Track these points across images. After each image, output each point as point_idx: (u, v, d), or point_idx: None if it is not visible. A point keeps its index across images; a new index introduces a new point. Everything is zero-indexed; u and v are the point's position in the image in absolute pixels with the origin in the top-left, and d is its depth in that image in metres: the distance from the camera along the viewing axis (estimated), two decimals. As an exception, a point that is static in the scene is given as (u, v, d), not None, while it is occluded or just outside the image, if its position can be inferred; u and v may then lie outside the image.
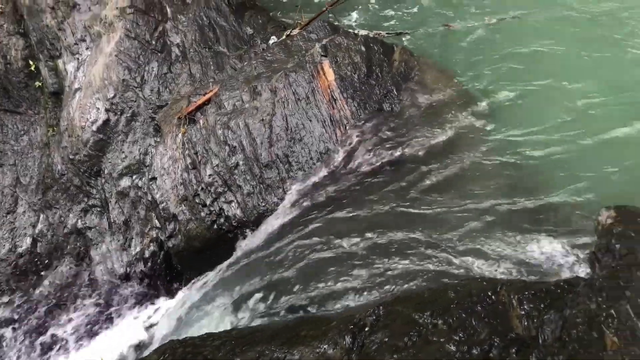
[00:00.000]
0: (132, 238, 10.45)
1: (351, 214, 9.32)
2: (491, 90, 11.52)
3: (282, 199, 9.88)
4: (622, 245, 5.28)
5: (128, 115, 11.12)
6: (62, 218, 10.88)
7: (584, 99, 11.02)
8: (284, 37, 12.18)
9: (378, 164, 10.15)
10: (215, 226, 9.80)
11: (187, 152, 10.23)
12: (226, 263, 9.67)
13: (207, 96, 10.76)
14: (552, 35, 13.06)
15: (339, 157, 10.31)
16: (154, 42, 11.73)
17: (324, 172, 10.17)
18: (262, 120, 10.30)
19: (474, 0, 14.80)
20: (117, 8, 11.79)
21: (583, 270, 7.43)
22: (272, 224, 9.67)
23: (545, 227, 8.77)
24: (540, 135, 10.39)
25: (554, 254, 8.30)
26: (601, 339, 4.37)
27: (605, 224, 5.83)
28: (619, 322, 4.42)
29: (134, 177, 10.72)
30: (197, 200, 9.90)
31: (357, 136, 10.50)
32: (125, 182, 10.71)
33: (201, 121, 10.49)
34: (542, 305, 5.53)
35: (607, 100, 10.96)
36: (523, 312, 5.52)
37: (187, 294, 9.87)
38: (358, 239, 8.65)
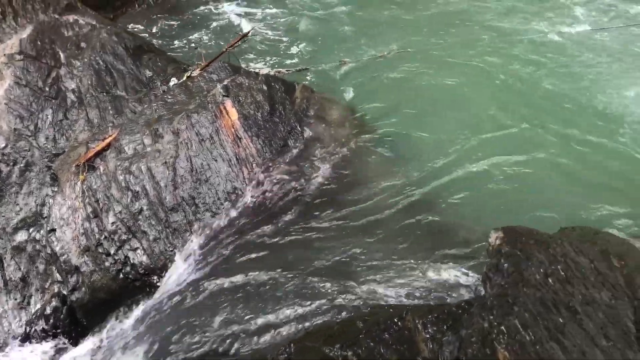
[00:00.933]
0: (31, 295, 9.84)
1: (261, 254, 9.32)
2: (386, 123, 12.12)
3: (191, 242, 9.73)
4: (509, 264, 5.68)
5: (22, 165, 10.60)
6: (-51, 280, 10.07)
7: (466, 129, 11.86)
8: (184, 78, 12.17)
9: (285, 202, 10.27)
10: (121, 275, 9.47)
11: (87, 200, 9.87)
12: (136, 312, 9.33)
13: (106, 141, 10.49)
14: (435, 66, 14.12)
15: (247, 195, 10.33)
16: (47, 89, 11.33)
17: (232, 212, 10.14)
18: (165, 162, 10.17)
19: (365, 36, 15.67)
20: (4, 55, 11.32)
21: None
22: (181, 268, 9.48)
23: (449, 252, 9.19)
24: (431, 165, 11.02)
25: (458, 276, 8.71)
26: (494, 354, 4.66)
27: (494, 245, 6.24)
28: (509, 337, 4.74)
29: (31, 230, 10.16)
30: (100, 250, 9.54)
31: (264, 174, 10.60)
32: (21, 236, 10.11)
33: (101, 167, 10.19)
34: (445, 327, 5.81)
35: (484, 129, 11.88)
36: (428, 336, 5.75)
37: (96, 349, 9.39)
38: (268, 279, 8.65)
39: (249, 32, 14.49)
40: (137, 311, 9.34)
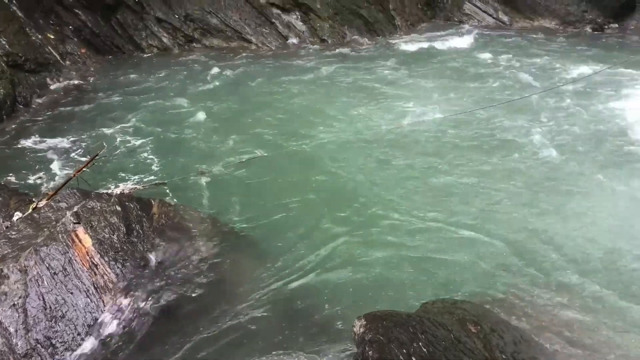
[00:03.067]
0: None
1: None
2: (249, 227, 12.37)
3: (50, 389, 8.81)
4: (373, 351, 5.80)
5: None
6: None
7: (327, 222, 12.47)
8: (30, 211, 11.46)
9: (154, 324, 9.84)
10: None
11: None
12: None
13: (-59, 293, 9.42)
14: (293, 166, 14.92)
15: (110, 325, 9.69)
16: None
17: (96, 345, 9.42)
18: (14, 305, 9.30)
19: (222, 144, 16.15)
20: None
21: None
22: (41, 421, 8.50)
23: (327, 346, 9.22)
24: (297, 259, 11.29)
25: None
26: None
27: (359, 333, 6.37)
28: None
29: None
30: (-61, 420, 8.29)
31: (126, 298, 10.07)
32: None
33: (-64, 323, 9.06)
34: None
35: (345, 219, 12.56)
36: None
37: None
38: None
39: (97, 154, 14.15)
40: None
